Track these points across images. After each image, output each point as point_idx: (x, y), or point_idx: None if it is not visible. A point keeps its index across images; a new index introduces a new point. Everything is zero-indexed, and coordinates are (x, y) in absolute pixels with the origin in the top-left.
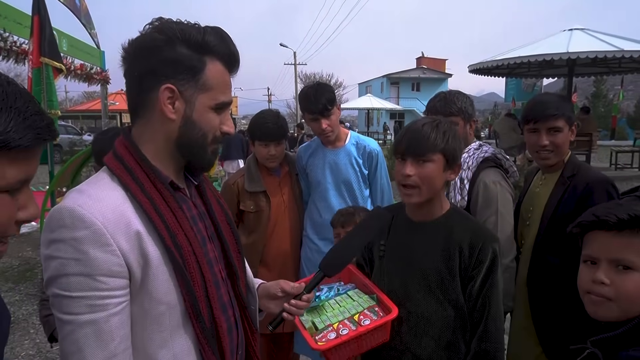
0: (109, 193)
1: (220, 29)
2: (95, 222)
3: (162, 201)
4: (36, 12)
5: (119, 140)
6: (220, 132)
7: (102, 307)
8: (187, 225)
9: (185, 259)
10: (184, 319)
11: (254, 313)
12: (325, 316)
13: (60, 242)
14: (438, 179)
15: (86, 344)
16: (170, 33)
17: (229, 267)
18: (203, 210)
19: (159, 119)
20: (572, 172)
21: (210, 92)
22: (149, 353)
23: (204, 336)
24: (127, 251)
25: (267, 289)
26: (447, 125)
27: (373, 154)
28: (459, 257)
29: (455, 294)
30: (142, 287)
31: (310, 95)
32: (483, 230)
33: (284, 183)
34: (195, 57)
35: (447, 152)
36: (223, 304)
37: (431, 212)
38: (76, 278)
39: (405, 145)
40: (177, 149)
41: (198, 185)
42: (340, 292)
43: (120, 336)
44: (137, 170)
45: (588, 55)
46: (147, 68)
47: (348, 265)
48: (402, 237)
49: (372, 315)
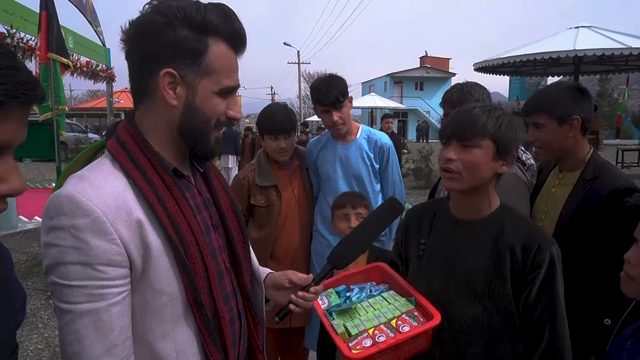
0: (110, 180)
1: (223, 5)
2: (95, 209)
3: (164, 189)
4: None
5: (122, 125)
6: (227, 116)
7: (101, 296)
8: (190, 214)
9: (188, 249)
10: (186, 309)
11: (260, 303)
12: (358, 320)
13: (59, 230)
14: (484, 168)
15: (85, 334)
16: (170, 14)
17: (233, 256)
18: (208, 197)
19: (160, 105)
20: (594, 174)
21: (213, 76)
22: (150, 344)
23: (206, 327)
24: (127, 240)
25: (274, 279)
26: (503, 112)
27: (385, 148)
28: (511, 260)
29: (506, 301)
30: (143, 277)
31: (322, 87)
32: (538, 232)
33: (294, 177)
34: (196, 38)
35: (498, 138)
36: (226, 294)
37: (478, 208)
38: (75, 267)
39: (452, 127)
40: (179, 136)
41: (204, 172)
42: (373, 293)
43: (120, 326)
44: (140, 157)
45: (595, 53)
46: (146, 52)
47: (380, 263)
48: (444, 236)
49: (412, 321)
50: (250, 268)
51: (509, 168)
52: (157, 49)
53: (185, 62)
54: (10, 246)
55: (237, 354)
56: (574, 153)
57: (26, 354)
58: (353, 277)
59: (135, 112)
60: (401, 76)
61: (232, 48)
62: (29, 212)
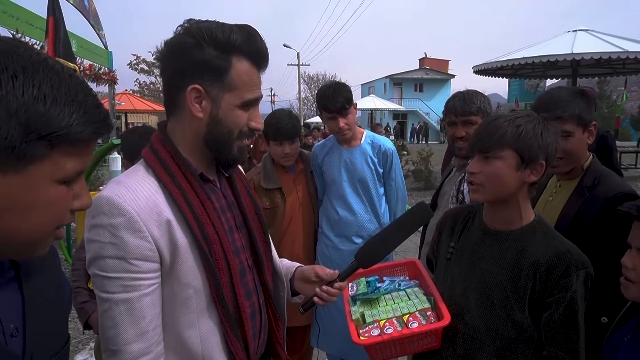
0: (143, 184)
1: (248, 27)
2: (130, 210)
3: (192, 192)
4: (51, 14)
5: (155, 135)
6: (249, 127)
7: (135, 287)
8: (215, 215)
9: (212, 247)
10: (209, 302)
11: (281, 299)
12: (376, 310)
13: (100, 227)
14: (508, 179)
15: (120, 321)
16: (198, 36)
17: (255, 255)
18: (232, 200)
19: (188, 117)
20: (593, 182)
21: (236, 91)
22: (178, 332)
23: (227, 320)
24: (158, 237)
25: (302, 272)
26: (528, 119)
27: (388, 153)
28: (533, 277)
29: (521, 316)
30: (171, 271)
31: (328, 95)
32: (570, 252)
33: (299, 181)
34: (221, 57)
35: (520, 147)
36: (248, 290)
37: (508, 220)
38: (112, 260)
39: (474, 140)
40: (205, 144)
41: (229, 177)
42: (402, 287)
43: (151, 315)
44: (170, 163)
45: (592, 56)
46: (176, 69)
47: (414, 260)
48: (473, 242)
49: (422, 319)
50: (272, 266)
51: (539, 177)
52: (186, 66)
53: (210, 78)
54: None
55: (257, 345)
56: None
57: None
58: (388, 269)
59: (167, 123)
60: (401, 78)
61: (255, 65)
62: None
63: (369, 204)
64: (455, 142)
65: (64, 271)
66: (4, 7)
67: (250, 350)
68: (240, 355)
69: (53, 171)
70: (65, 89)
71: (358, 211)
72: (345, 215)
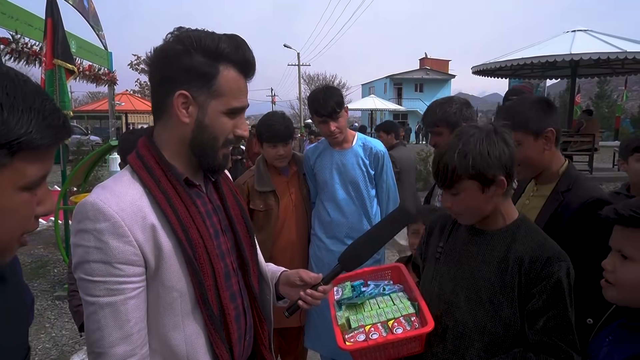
0: (129, 189)
1: (236, 36)
2: (114, 215)
3: (176, 196)
4: (49, 15)
5: (141, 140)
6: (234, 135)
7: (119, 291)
8: (199, 219)
9: (196, 251)
10: (194, 305)
11: (267, 302)
12: (361, 315)
13: (85, 232)
14: (479, 203)
15: (105, 324)
16: (188, 43)
17: (241, 259)
18: (218, 205)
19: (175, 122)
20: (567, 186)
21: (222, 97)
22: (163, 334)
23: (212, 322)
24: (142, 242)
25: (287, 277)
26: (471, 141)
27: (379, 155)
28: (519, 271)
29: (509, 311)
30: (156, 275)
31: (319, 99)
32: (551, 245)
33: (292, 183)
34: (209, 64)
35: (474, 175)
36: (233, 293)
37: (493, 222)
38: (97, 265)
39: (435, 176)
40: (190, 150)
41: (215, 182)
42: (386, 291)
43: (135, 318)
44: (155, 168)
45: (591, 57)
46: (165, 75)
47: (399, 264)
48: (461, 242)
49: (406, 325)
50: (258, 269)
51: (503, 190)
52: (174, 72)
53: (197, 84)
54: None
55: (243, 347)
56: (549, 166)
57: (35, 352)
58: (373, 273)
59: (154, 128)
60: (401, 78)
61: (242, 73)
62: None
63: (360, 205)
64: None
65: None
66: (2, 8)
67: (235, 352)
68: (224, 357)
69: (15, 178)
70: (22, 96)
71: (349, 213)
72: (336, 217)
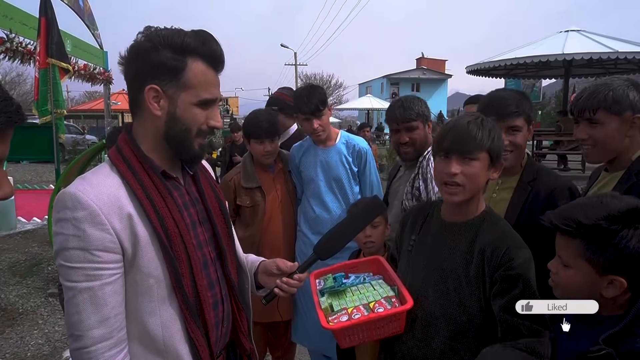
0: (107, 180)
1: (203, 31)
2: (92, 204)
3: (153, 187)
4: (43, 14)
5: (121, 135)
6: (207, 126)
7: (97, 277)
8: (175, 209)
9: (171, 239)
10: (170, 291)
11: (246, 292)
12: (344, 300)
13: (64, 221)
14: (482, 178)
15: (83, 308)
16: (156, 40)
17: (219, 249)
18: (196, 196)
19: (148, 116)
20: (532, 176)
21: (192, 90)
22: (140, 319)
23: (187, 308)
24: (119, 230)
25: (265, 266)
26: (492, 124)
27: (362, 152)
28: (482, 260)
29: (472, 300)
30: (133, 262)
31: (303, 97)
32: (512, 235)
33: (278, 179)
34: (176, 58)
35: (493, 150)
36: (211, 281)
37: (466, 212)
38: (75, 251)
39: (450, 142)
40: (166, 142)
41: (193, 174)
42: (366, 281)
43: (113, 302)
44: (133, 161)
45: (583, 57)
46: (136, 71)
47: (378, 257)
48: (431, 234)
49: (387, 305)
50: (236, 259)
51: (499, 174)
52: (144, 68)
53: (167, 78)
54: (9, 246)
55: (220, 333)
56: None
57: (27, 348)
58: (353, 267)
59: (132, 124)
60: (397, 77)
61: (210, 66)
62: (28, 213)
63: (344, 202)
64: (400, 148)
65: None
66: None
67: (212, 338)
68: (200, 342)
69: None
70: None
71: (333, 209)
72: (321, 213)
